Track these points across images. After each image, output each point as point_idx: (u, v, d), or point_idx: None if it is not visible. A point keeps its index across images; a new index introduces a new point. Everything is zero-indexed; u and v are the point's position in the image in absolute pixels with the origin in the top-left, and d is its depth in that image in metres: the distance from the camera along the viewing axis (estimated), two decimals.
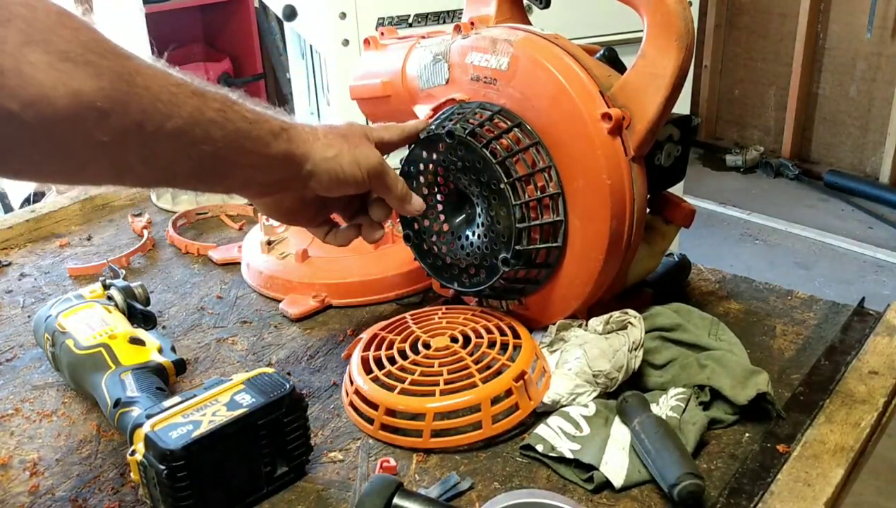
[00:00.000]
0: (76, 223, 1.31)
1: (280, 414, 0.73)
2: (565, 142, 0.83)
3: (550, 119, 0.84)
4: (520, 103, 0.86)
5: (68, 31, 0.58)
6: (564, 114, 0.82)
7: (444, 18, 1.82)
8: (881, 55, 3.46)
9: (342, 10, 1.74)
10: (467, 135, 0.84)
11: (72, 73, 0.58)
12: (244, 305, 1.06)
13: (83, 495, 0.76)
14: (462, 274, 0.91)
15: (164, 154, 0.66)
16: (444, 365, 0.83)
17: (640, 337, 0.82)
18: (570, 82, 0.82)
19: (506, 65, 0.86)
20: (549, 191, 0.84)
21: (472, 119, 0.86)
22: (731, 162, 3.89)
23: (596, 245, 0.83)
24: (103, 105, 0.59)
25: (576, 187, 0.83)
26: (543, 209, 0.84)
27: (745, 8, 3.85)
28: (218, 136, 0.68)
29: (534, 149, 0.84)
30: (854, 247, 3.20)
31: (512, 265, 0.84)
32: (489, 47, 0.88)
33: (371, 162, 0.81)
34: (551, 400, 0.81)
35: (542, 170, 0.84)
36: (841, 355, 0.90)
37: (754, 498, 0.71)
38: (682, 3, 0.78)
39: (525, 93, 0.85)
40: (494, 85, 0.88)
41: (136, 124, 0.62)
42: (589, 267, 0.85)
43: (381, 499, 0.67)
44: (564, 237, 0.85)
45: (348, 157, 0.80)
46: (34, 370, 0.95)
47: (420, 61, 0.96)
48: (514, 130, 0.85)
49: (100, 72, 0.59)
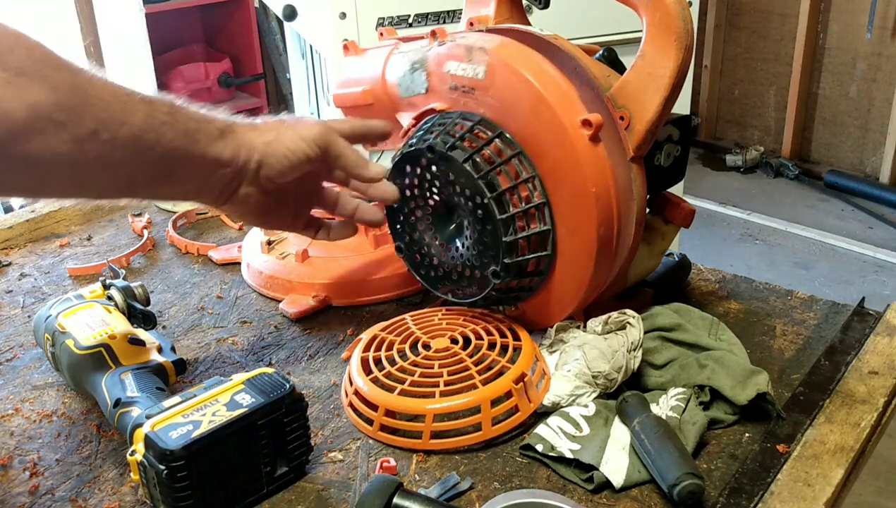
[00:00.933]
0: (76, 223, 1.31)
1: (280, 414, 0.73)
2: (547, 150, 0.82)
3: (531, 128, 0.82)
4: (499, 112, 0.85)
5: (23, 49, 0.63)
6: (544, 122, 0.81)
7: (444, 18, 1.82)
8: (881, 55, 3.46)
9: (342, 10, 1.74)
10: (447, 149, 0.83)
11: (28, 87, 0.62)
12: (244, 305, 1.06)
13: (83, 495, 0.76)
14: (455, 286, 0.91)
15: (121, 161, 0.69)
16: (444, 366, 0.83)
17: (638, 338, 0.82)
18: (547, 89, 0.81)
19: (482, 73, 0.85)
20: (534, 202, 0.83)
21: (452, 131, 0.85)
22: (731, 162, 3.89)
23: (585, 251, 0.83)
24: (59, 116, 0.63)
25: (561, 196, 0.82)
26: (530, 219, 0.83)
27: (745, 8, 3.85)
28: (169, 138, 0.72)
29: (516, 160, 0.83)
30: (854, 247, 3.20)
31: (502, 278, 0.84)
32: (465, 56, 0.86)
33: (313, 132, 0.81)
34: (551, 402, 0.81)
35: (526, 181, 0.82)
36: (841, 355, 0.90)
37: (754, 498, 0.71)
38: (681, 4, 0.78)
39: (504, 102, 0.84)
40: (473, 94, 0.86)
41: (91, 133, 0.66)
42: (580, 272, 0.84)
43: (381, 499, 0.67)
44: (554, 245, 0.84)
45: (289, 134, 0.80)
46: (34, 370, 0.95)
47: (399, 69, 0.94)
48: (494, 141, 0.83)
49: (55, 85, 0.63)
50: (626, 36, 1.79)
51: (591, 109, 0.86)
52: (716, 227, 3.40)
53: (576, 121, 0.80)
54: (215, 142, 0.76)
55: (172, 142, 0.72)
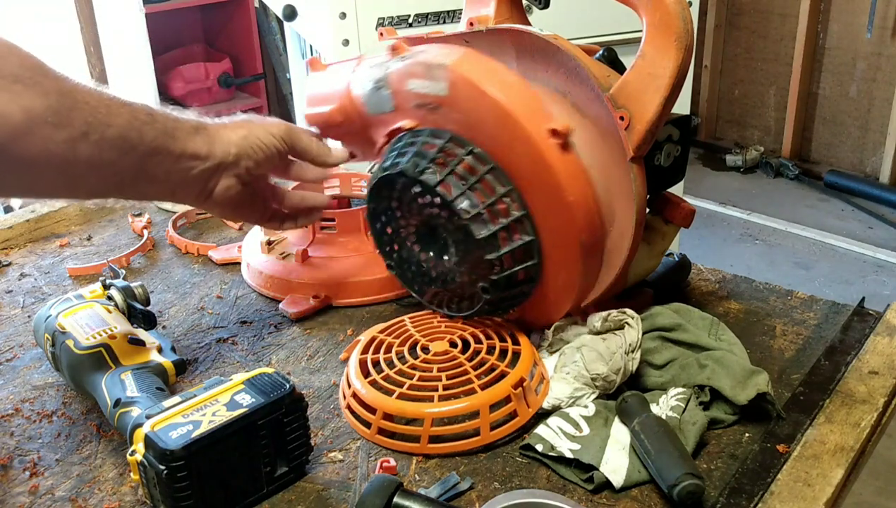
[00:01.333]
0: (76, 223, 1.31)
1: (280, 414, 0.73)
2: (519, 163, 0.81)
3: (500, 141, 0.81)
4: (468, 128, 0.83)
5: (16, 57, 0.68)
6: (511, 135, 0.80)
7: (444, 18, 1.82)
8: (881, 55, 3.46)
9: (342, 10, 1.74)
10: (419, 173, 0.82)
11: (23, 93, 0.67)
12: (244, 305, 1.06)
13: (83, 495, 0.76)
14: (449, 300, 0.91)
15: (109, 160, 0.74)
16: (442, 370, 0.83)
17: (636, 339, 0.82)
18: (511, 102, 0.79)
19: (445, 90, 0.83)
20: (514, 215, 0.82)
21: (422, 151, 0.83)
22: (731, 162, 3.88)
23: (571, 258, 0.83)
24: (52, 119, 0.69)
25: (539, 206, 0.81)
26: (512, 232, 0.82)
27: (745, 8, 3.85)
28: (151, 137, 0.77)
29: (490, 176, 0.81)
30: (854, 246, 3.20)
31: (491, 293, 0.84)
32: (425, 73, 0.84)
33: (280, 127, 0.89)
34: (551, 405, 0.81)
35: (504, 196, 0.81)
36: (841, 355, 0.90)
37: (754, 498, 0.71)
38: (681, 4, 0.78)
39: (470, 117, 0.82)
40: (439, 111, 0.85)
41: (81, 134, 0.71)
42: (570, 277, 0.84)
43: (381, 499, 0.67)
44: (540, 253, 0.84)
45: (259, 130, 0.87)
46: (34, 370, 0.95)
47: (363, 86, 0.92)
48: (465, 159, 0.82)
49: (46, 91, 0.69)
50: (626, 36, 1.79)
51: (591, 109, 0.86)
52: (716, 227, 3.40)
53: (544, 131, 0.79)
54: (192, 138, 0.81)
55: (154, 141, 0.77)
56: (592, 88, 0.83)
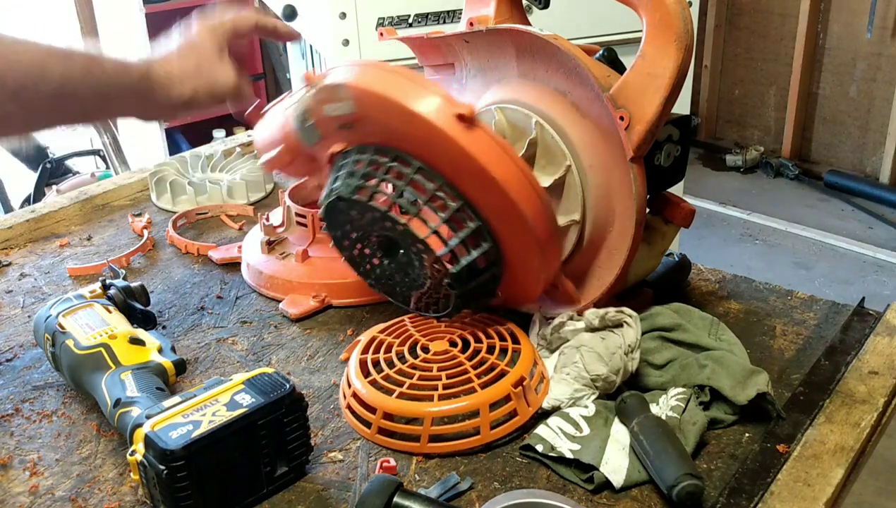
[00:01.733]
0: (76, 223, 1.31)
1: (280, 414, 0.73)
2: (441, 155, 0.81)
3: (417, 140, 0.81)
4: (387, 136, 0.84)
5: None
6: (423, 131, 0.79)
7: (444, 18, 1.82)
8: (881, 55, 3.46)
9: (342, 10, 1.74)
10: (351, 193, 0.83)
11: None
12: (244, 305, 1.06)
13: (83, 495, 0.76)
14: (431, 302, 0.91)
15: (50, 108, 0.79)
16: (442, 369, 0.83)
17: (635, 339, 0.82)
18: (409, 101, 0.79)
19: (352, 107, 0.83)
20: (452, 206, 0.82)
21: (353, 169, 0.84)
22: (731, 162, 3.88)
23: (521, 229, 0.82)
24: None
25: (473, 191, 0.81)
26: (456, 223, 0.82)
27: (745, 8, 3.85)
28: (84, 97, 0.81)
29: (419, 176, 0.82)
30: (854, 246, 3.20)
31: (458, 285, 0.84)
32: (331, 96, 0.84)
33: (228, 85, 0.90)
34: (551, 406, 0.81)
35: (437, 190, 0.82)
36: (841, 355, 0.90)
37: (754, 498, 0.71)
38: (681, 4, 0.78)
39: (384, 126, 0.83)
40: (357, 127, 0.85)
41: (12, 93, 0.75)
42: (529, 247, 0.84)
43: (381, 499, 0.67)
44: (491, 235, 0.83)
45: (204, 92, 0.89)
46: (34, 370, 0.95)
47: (293, 123, 0.92)
48: (393, 166, 0.83)
49: None
50: (626, 36, 1.79)
51: (591, 109, 0.86)
52: (716, 227, 3.40)
53: (451, 119, 0.78)
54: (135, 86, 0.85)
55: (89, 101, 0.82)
56: (592, 88, 0.83)
